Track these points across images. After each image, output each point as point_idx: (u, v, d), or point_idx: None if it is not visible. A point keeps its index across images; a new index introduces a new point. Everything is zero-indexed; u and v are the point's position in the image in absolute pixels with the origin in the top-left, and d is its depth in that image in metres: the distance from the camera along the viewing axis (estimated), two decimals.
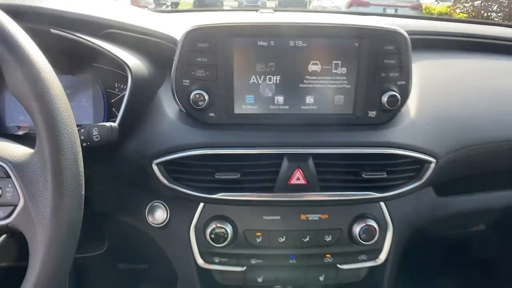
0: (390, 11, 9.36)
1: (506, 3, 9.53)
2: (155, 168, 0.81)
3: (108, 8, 1.03)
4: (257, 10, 1.34)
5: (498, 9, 9.80)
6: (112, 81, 0.95)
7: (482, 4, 10.03)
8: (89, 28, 0.88)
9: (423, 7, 10.88)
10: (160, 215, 0.90)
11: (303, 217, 0.88)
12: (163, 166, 0.82)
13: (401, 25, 1.08)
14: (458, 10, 10.67)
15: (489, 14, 9.92)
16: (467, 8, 10.34)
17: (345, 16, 1.39)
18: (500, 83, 1.05)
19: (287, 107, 0.83)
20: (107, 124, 0.74)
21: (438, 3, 11.38)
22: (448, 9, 11.07)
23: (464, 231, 1.24)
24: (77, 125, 0.74)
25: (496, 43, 1.16)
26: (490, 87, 1.03)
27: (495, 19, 9.69)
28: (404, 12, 9.44)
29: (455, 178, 0.97)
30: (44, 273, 0.52)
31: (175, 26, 0.95)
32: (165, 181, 0.82)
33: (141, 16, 1.08)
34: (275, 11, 1.33)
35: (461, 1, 10.47)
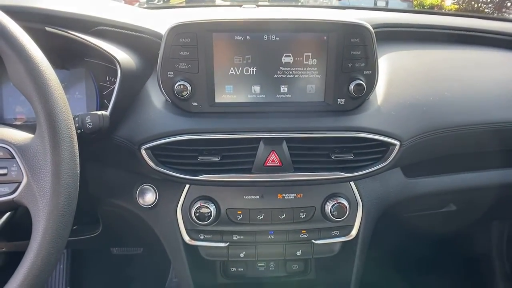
0: (381, 3, 9.36)
1: None
2: (143, 153, 0.89)
3: (100, 6, 1.09)
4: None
5: (489, 0, 9.80)
6: (103, 74, 1.01)
7: None
8: (81, 26, 0.94)
9: None
10: (149, 197, 0.98)
11: (279, 196, 0.96)
12: (151, 151, 0.89)
13: (375, 18, 1.16)
14: (449, 2, 10.68)
15: (479, 5, 9.93)
16: None
17: (319, 11, 1.46)
18: (466, 73, 1.12)
19: (263, 96, 0.91)
20: (99, 112, 0.82)
21: None
22: (439, 1, 11.07)
23: (435, 211, 1.32)
24: (73, 115, 0.82)
25: (465, 34, 1.23)
26: (456, 76, 1.10)
27: (485, 10, 9.71)
28: (395, 4, 9.42)
29: (421, 161, 1.05)
30: (45, 240, 0.60)
31: (162, 22, 1.00)
32: (152, 165, 0.89)
33: (131, 13, 1.14)
34: (258, 6, 1.39)
35: None
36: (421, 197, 1.10)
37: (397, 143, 0.92)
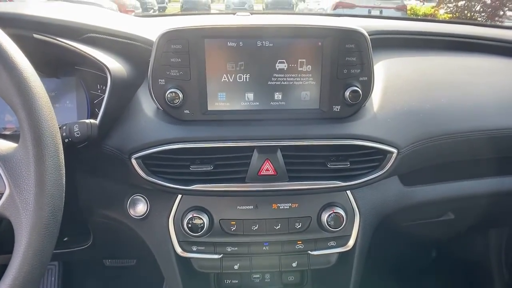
0: (375, 12, 9.49)
1: (489, 3, 9.67)
2: (134, 162, 0.86)
3: (91, 13, 1.07)
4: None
5: (481, 9, 9.94)
6: (94, 83, 0.99)
7: (466, 4, 10.16)
8: (70, 33, 0.92)
9: (408, 8, 11.04)
10: (140, 208, 0.96)
11: (274, 206, 0.93)
12: (142, 160, 0.86)
13: (370, 25, 1.15)
14: (442, 11, 10.83)
15: (472, 14, 10.06)
16: (451, 8, 10.49)
17: (314, 18, 1.45)
18: (462, 79, 1.11)
19: (257, 103, 0.89)
20: (87, 121, 0.79)
21: (423, 4, 11.53)
22: (433, 10, 11.22)
23: (434, 220, 1.30)
24: (61, 124, 0.80)
25: (461, 41, 1.23)
26: (453, 82, 1.09)
27: (478, 19, 9.84)
28: (389, 13, 9.58)
29: (419, 168, 1.03)
30: (28, 254, 0.57)
31: (154, 30, 0.98)
32: (143, 175, 0.87)
33: (123, 21, 1.12)
34: (252, 14, 1.39)
35: (445, 2, 10.60)
36: (419, 205, 1.08)
37: (394, 150, 0.91)
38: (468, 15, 10.00)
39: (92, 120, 0.81)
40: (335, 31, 0.86)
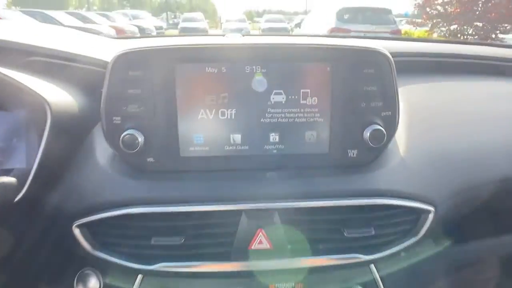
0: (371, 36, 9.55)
1: (480, 27, 9.81)
2: (76, 231, 0.64)
3: (47, 34, 0.88)
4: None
5: (474, 32, 10.06)
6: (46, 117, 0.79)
7: (458, 28, 10.31)
8: (9, 56, 0.73)
9: (402, 32, 11.12)
10: (92, 285, 0.71)
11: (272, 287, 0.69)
12: (87, 228, 0.64)
13: (387, 47, 0.95)
14: (435, 35, 10.93)
15: (465, 37, 10.17)
16: (444, 32, 10.60)
17: (318, 38, 1.25)
18: (499, 108, 0.91)
19: (246, 147, 0.67)
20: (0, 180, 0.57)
21: (416, 28, 11.67)
22: (426, 34, 11.33)
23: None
24: None
25: (488, 63, 1.04)
26: (489, 112, 0.89)
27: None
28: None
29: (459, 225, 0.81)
30: None
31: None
32: (89, 249, 0.64)
33: (86, 43, 0.93)
34: (244, 35, 1.20)
35: (438, 26, 10.74)
36: (457, 269, 0.86)
37: (432, 209, 0.69)
38: (461, 38, 10.09)
39: (7, 179, 0.58)
40: (348, 52, 0.66)
